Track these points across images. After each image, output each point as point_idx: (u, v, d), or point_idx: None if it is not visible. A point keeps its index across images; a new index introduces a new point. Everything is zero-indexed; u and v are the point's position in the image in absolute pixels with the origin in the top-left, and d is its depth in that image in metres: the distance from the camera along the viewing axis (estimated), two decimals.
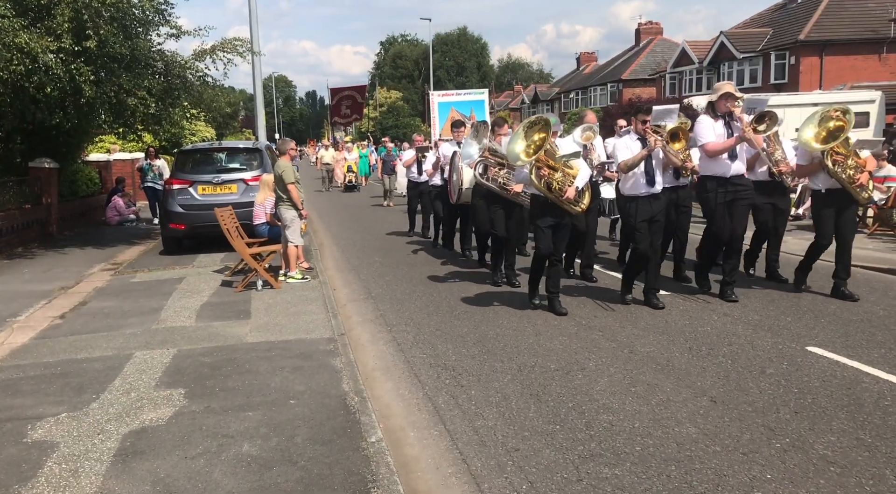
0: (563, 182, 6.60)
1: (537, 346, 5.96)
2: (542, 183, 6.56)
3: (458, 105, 19.54)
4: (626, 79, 46.81)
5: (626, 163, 6.83)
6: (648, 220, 6.92)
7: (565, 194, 6.58)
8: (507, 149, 6.56)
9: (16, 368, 5.71)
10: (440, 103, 19.72)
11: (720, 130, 7.09)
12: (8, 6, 9.37)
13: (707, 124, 7.14)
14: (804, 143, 7.04)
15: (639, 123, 6.91)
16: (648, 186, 6.84)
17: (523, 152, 6.39)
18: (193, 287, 8.71)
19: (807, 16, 32.45)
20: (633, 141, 6.95)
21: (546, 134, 6.39)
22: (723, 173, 7.06)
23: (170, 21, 12.10)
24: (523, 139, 6.41)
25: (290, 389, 5.01)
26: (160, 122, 12.64)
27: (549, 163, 6.56)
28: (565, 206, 6.67)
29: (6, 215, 11.62)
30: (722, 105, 7.09)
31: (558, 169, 6.59)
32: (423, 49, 74.65)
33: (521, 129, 6.47)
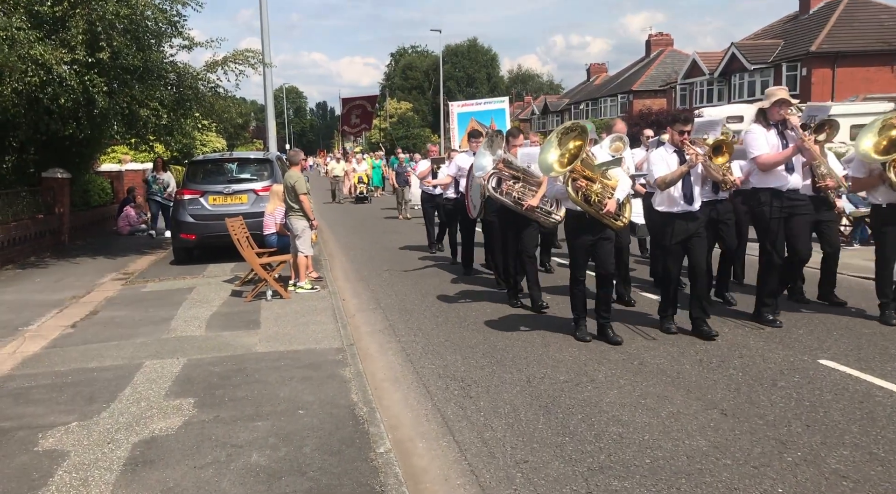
0: (602, 194, 5.99)
1: (546, 357, 5.94)
2: (580, 196, 5.95)
3: (478, 115, 18.55)
4: (637, 90, 46.87)
5: (663, 179, 6.17)
6: (685, 239, 6.29)
7: (605, 208, 5.97)
8: (539, 159, 5.99)
9: (28, 377, 5.74)
10: (459, 114, 18.88)
11: (773, 140, 6.46)
12: (24, 19, 9.50)
13: (759, 134, 6.50)
14: (863, 154, 6.47)
15: (676, 133, 6.26)
16: (686, 203, 6.21)
17: (557, 162, 5.84)
18: (203, 297, 8.75)
19: (819, 27, 32.43)
20: (669, 153, 6.30)
21: (582, 142, 5.80)
22: (779, 186, 6.46)
23: (182, 33, 12.23)
24: (557, 148, 5.87)
25: (299, 399, 5.02)
26: (172, 132, 12.75)
27: (586, 173, 5.99)
28: (605, 220, 6.07)
29: (19, 225, 11.72)
30: (775, 113, 6.45)
31: (596, 180, 6.00)
32: (434, 60, 75.01)
33: (553, 136, 5.92)
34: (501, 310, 7.72)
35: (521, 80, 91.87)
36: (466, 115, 18.71)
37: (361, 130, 35.95)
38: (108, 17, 10.29)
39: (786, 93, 6.54)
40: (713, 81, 37.03)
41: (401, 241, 14.09)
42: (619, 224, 6.24)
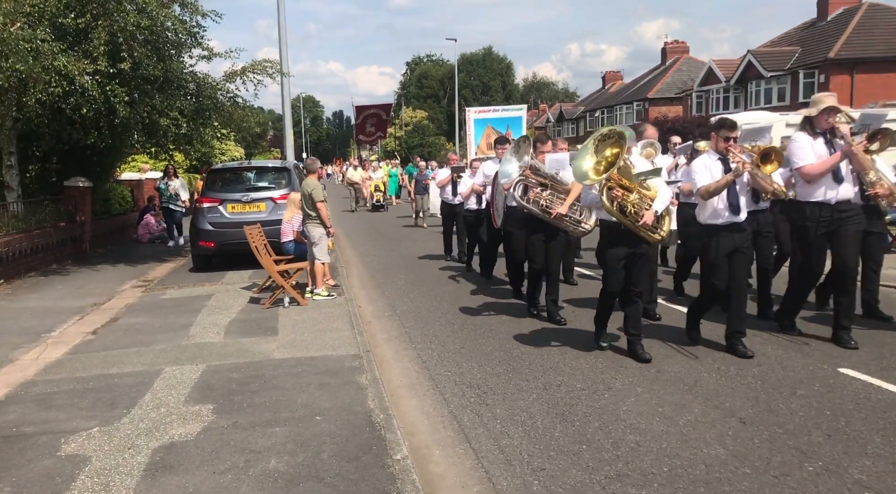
0: (639, 205, 5.68)
1: (563, 364, 5.93)
2: (615, 206, 5.65)
3: (495, 122, 18.16)
4: (653, 97, 46.70)
5: (706, 189, 5.81)
6: (731, 253, 5.95)
7: (642, 219, 5.66)
8: (574, 165, 5.68)
9: (50, 382, 5.82)
10: (476, 120, 18.44)
11: (820, 149, 6.04)
12: (48, 31, 9.68)
13: (804, 143, 6.08)
14: None
15: (720, 140, 5.90)
16: (732, 214, 5.87)
17: (592, 170, 5.53)
18: (222, 304, 8.82)
19: (837, 34, 32.20)
20: (712, 161, 5.95)
21: (620, 149, 5.47)
22: (826, 199, 6.04)
23: (202, 43, 12.41)
24: (593, 155, 5.55)
25: (316, 405, 5.05)
26: (191, 141, 12.93)
27: (622, 182, 5.67)
28: (641, 233, 5.75)
29: (42, 233, 11.89)
30: (822, 121, 6.02)
31: (633, 190, 5.69)
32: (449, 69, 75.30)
33: (590, 143, 5.60)
34: (517, 317, 7.72)
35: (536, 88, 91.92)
36: (483, 121, 18.28)
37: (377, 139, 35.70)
38: (130, 28, 10.47)
39: (834, 99, 6.08)
40: (729, 89, 36.83)
41: (417, 248, 14.13)
42: (657, 237, 5.91)
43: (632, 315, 6.08)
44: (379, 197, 25.25)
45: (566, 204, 6.81)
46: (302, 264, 9.03)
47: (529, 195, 6.93)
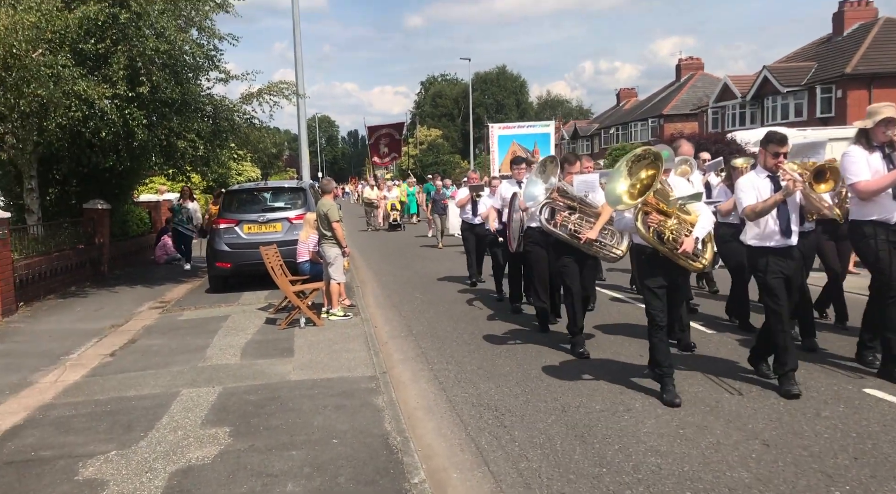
0: (678, 231, 5.25)
1: (581, 385, 5.87)
2: (651, 233, 5.25)
3: (521, 138, 17.54)
4: (668, 114, 46.63)
5: (753, 209, 5.36)
6: (784, 278, 5.43)
7: (681, 247, 5.22)
8: (607, 190, 5.27)
9: (68, 405, 5.84)
10: (500, 137, 17.88)
11: (877, 164, 5.55)
12: (68, 56, 9.84)
13: (859, 157, 5.61)
14: None
15: (769, 156, 5.41)
16: (783, 236, 5.38)
17: (626, 194, 5.15)
18: (238, 325, 8.84)
19: (853, 49, 32.05)
20: (760, 179, 5.47)
21: (656, 171, 5.08)
22: (885, 219, 5.56)
23: (219, 66, 12.58)
24: (626, 177, 5.18)
25: (332, 428, 5.02)
26: (208, 163, 13.06)
27: (660, 207, 5.28)
28: (681, 261, 5.33)
29: (61, 256, 12.01)
30: (880, 133, 5.55)
31: (672, 214, 5.28)
32: (463, 88, 75.65)
33: (623, 165, 5.23)
34: (534, 337, 7.66)
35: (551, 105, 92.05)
36: (508, 138, 17.75)
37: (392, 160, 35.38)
38: (149, 52, 10.63)
39: (893, 110, 5.54)
40: (745, 105, 36.69)
41: (432, 267, 14.12)
42: (698, 266, 5.48)
43: None
44: (396, 216, 24.87)
45: (596, 228, 6.43)
46: (318, 284, 9.04)
47: (557, 219, 6.58)
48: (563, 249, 6.75)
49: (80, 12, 9.74)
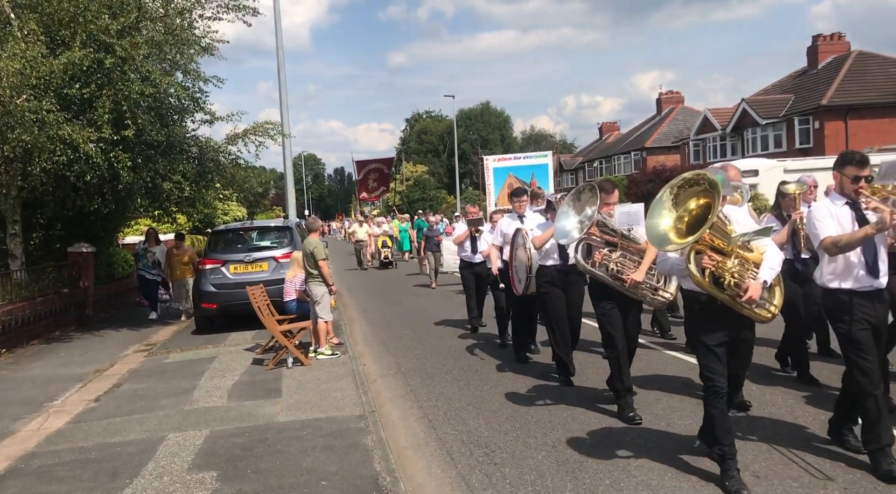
0: (740, 274, 4.18)
1: (571, 420, 5.85)
2: (707, 277, 4.22)
3: (517, 170, 16.45)
4: (650, 147, 47.28)
5: (836, 242, 4.39)
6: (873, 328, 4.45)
7: (746, 294, 4.15)
8: (648, 226, 4.29)
9: (51, 454, 5.74)
10: (496, 169, 16.67)
11: None
12: (53, 101, 9.88)
13: None
14: None
15: (848, 180, 4.48)
16: (870, 276, 4.43)
17: (673, 231, 4.17)
18: (225, 366, 8.76)
19: (828, 81, 32.81)
20: (838, 207, 4.54)
21: (711, 200, 4.06)
22: None
23: (204, 108, 12.68)
24: (671, 209, 4.21)
25: (321, 470, 4.96)
26: (194, 204, 13.10)
27: (715, 244, 4.27)
28: (744, 310, 4.29)
29: (45, 300, 11.90)
30: None
31: (731, 253, 4.24)
32: (448, 124, 76.47)
33: (665, 194, 4.24)
34: (524, 372, 7.64)
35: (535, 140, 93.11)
36: (504, 170, 16.69)
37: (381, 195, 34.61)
38: (134, 96, 10.71)
39: None
40: (726, 137, 37.32)
41: (421, 304, 14.09)
42: (766, 315, 4.45)
43: None
44: (386, 253, 23.84)
45: (642, 269, 5.57)
46: (305, 323, 9.01)
47: (595, 257, 5.68)
48: (603, 293, 5.86)
49: (64, 58, 9.81)
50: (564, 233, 5.75)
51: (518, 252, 7.47)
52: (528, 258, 7.18)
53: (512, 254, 7.68)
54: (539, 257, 6.88)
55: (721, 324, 4.38)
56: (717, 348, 4.39)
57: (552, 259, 6.78)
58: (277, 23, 17.29)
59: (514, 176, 16.65)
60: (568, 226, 5.69)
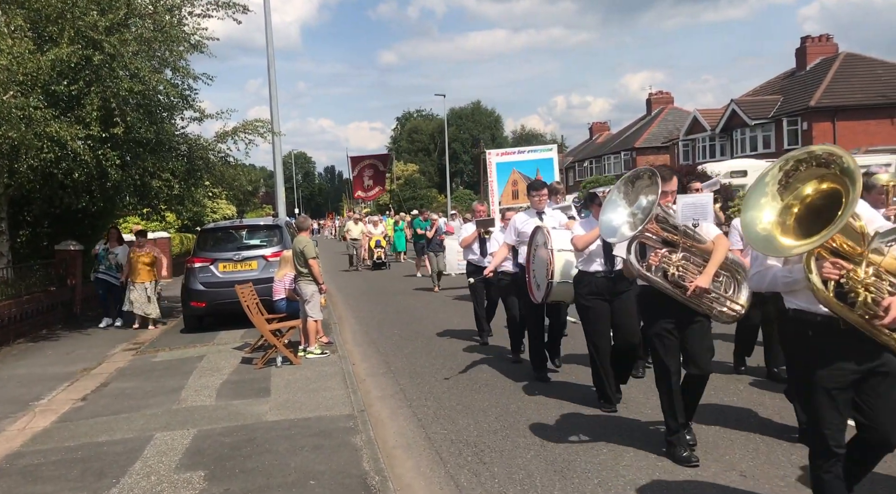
0: (877, 288, 3.06)
1: (561, 420, 5.86)
2: (830, 288, 3.11)
3: (521, 165, 15.16)
4: (640, 147, 47.46)
5: None
6: None
7: (887, 315, 2.99)
8: (745, 220, 3.20)
9: (37, 453, 5.70)
10: (499, 164, 15.31)
11: None
12: (41, 98, 9.81)
13: None
14: None
15: None
16: None
17: (776, 226, 3.11)
18: (214, 365, 8.72)
19: (817, 82, 33.05)
20: None
21: (838, 185, 2.99)
22: None
23: (193, 105, 12.61)
24: (776, 198, 3.15)
25: (310, 469, 4.95)
26: (183, 202, 13.02)
27: (838, 246, 3.15)
28: (881, 337, 3.10)
29: (31, 298, 11.80)
30: None
31: (862, 260, 3.11)
32: (439, 123, 76.46)
33: (768, 175, 3.18)
34: (513, 372, 7.65)
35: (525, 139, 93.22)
36: (507, 165, 15.40)
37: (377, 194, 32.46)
38: (122, 93, 10.63)
39: None
40: (715, 137, 37.52)
41: (413, 305, 14.06)
42: None
43: None
44: (380, 254, 22.84)
45: (709, 273, 4.58)
46: (294, 322, 8.98)
47: (651, 260, 4.62)
48: (656, 307, 4.79)
49: (52, 54, 9.73)
50: (612, 230, 4.67)
51: (538, 253, 6.56)
52: (549, 261, 6.21)
53: (529, 255, 6.79)
54: (580, 261, 5.87)
55: (846, 357, 3.20)
56: (839, 393, 3.22)
57: (596, 264, 5.75)
58: (267, 20, 17.21)
59: (518, 172, 15.16)
60: (617, 220, 4.65)
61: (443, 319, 11.76)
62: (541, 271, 6.49)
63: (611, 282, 5.78)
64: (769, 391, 6.31)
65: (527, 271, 6.85)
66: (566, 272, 6.20)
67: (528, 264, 6.82)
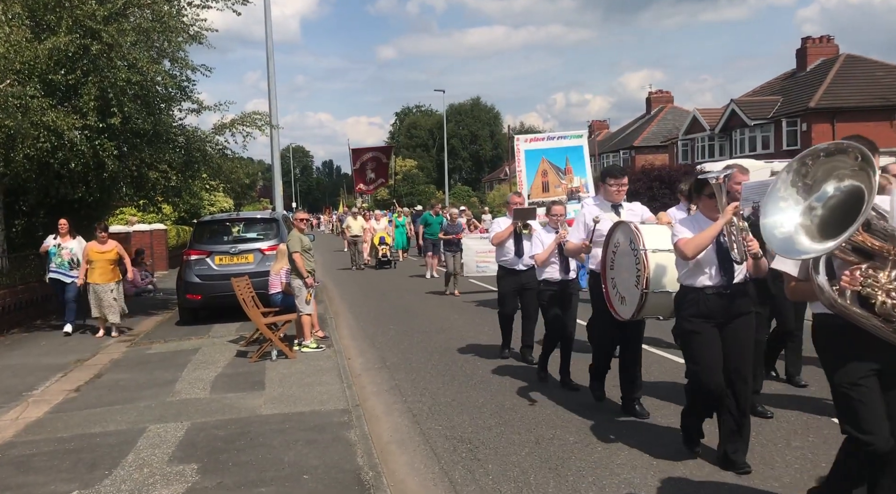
0: None
1: (556, 417, 5.84)
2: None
3: (551, 153, 13.36)
4: (639, 146, 47.43)
5: None
6: None
7: None
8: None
9: (29, 444, 5.67)
10: (527, 151, 13.39)
11: None
12: (38, 87, 9.76)
13: None
14: None
15: None
16: None
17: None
18: (209, 358, 8.70)
19: (817, 84, 33.04)
20: None
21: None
22: None
23: (191, 97, 12.58)
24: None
25: (303, 463, 4.93)
26: (180, 194, 12.99)
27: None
28: None
29: (26, 288, 11.76)
30: None
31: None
32: (438, 119, 76.40)
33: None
34: (509, 368, 7.64)
35: None
36: (537, 153, 13.53)
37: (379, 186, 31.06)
38: (120, 83, 10.59)
39: None
40: (714, 137, 37.52)
41: (410, 301, 14.03)
42: None
43: None
44: (385, 251, 21.21)
45: None
46: (290, 316, 8.95)
47: (843, 281, 3.09)
48: (846, 341, 3.28)
49: (50, 43, 9.68)
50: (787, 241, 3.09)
51: (620, 256, 5.30)
52: (644, 266, 4.87)
53: (606, 260, 5.49)
54: (684, 272, 4.51)
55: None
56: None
57: (706, 276, 4.40)
58: (267, 13, 17.14)
59: (548, 161, 13.37)
60: (788, 224, 3.10)
61: (440, 315, 11.73)
62: (626, 278, 5.19)
63: (726, 300, 4.38)
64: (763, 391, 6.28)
65: (602, 281, 5.53)
66: (663, 279, 4.95)
67: (605, 272, 5.50)
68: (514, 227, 7.71)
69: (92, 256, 10.36)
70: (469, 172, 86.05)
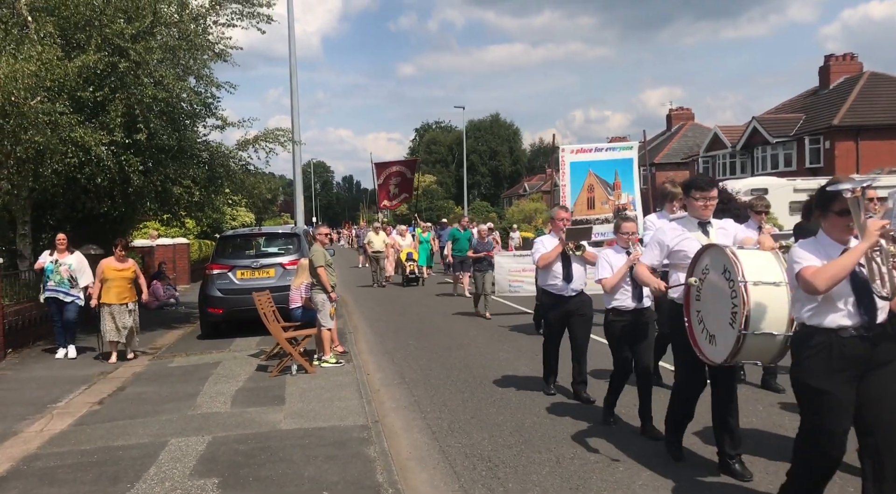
0: None
1: (576, 436, 5.80)
2: None
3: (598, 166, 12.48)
4: (659, 163, 47.20)
5: None
6: None
7: None
8: None
9: (54, 456, 5.73)
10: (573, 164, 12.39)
11: None
12: (66, 104, 9.95)
13: None
14: None
15: None
16: None
17: None
18: (229, 372, 8.75)
19: (840, 101, 32.72)
20: None
21: None
22: None
23: (216, 113, 12.75)
24: None
25: (323, 479, 4.93)
26: (203, 208, 13.14)
27: None
28: None
29: None
30: None
31: None
32: (457, 135, 76.68)
33: None
34: (529, 385, 7.60)
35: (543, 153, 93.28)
36: (583, 165, 12.53)
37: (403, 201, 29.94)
38: (146, 100, 10.79)
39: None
40: (735, 154, 37.24)
41: (429, 316, 14.01)
42: None
43: None
44: (412, 267, 20.11)
45: None
46: (310, 330, 8.99)
47: None
48: None
49: (79, 61, 9.89)
50: None
51: (710, 286, 4.36)
52: (744, 301, 3.96)
53: (689, 294, 4.60)
54: (808, 309, 3.64)
55: None
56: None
57: (841, 313, 3.57)
58: (291, 31, 17.38)
59: (594, 174, 12.48)
60: None
61: (459, 331, 11.71)
62: (718, 314, 4.25)
63: (868, 345, 3.54)
64: (790, 412, 6.20)
65: (686, 314, 4.62)
66: (764, 318, 4.01)
67: (689, 304, 4.61)
68: (563, 247, 6.80)
69: (108, 274, 9.77)
70: (488, 188, 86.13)
